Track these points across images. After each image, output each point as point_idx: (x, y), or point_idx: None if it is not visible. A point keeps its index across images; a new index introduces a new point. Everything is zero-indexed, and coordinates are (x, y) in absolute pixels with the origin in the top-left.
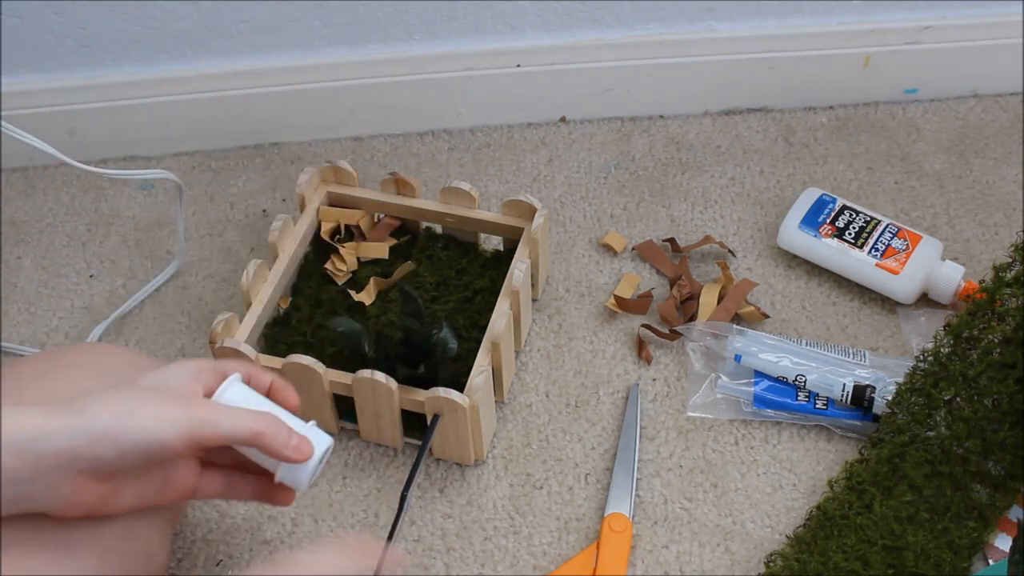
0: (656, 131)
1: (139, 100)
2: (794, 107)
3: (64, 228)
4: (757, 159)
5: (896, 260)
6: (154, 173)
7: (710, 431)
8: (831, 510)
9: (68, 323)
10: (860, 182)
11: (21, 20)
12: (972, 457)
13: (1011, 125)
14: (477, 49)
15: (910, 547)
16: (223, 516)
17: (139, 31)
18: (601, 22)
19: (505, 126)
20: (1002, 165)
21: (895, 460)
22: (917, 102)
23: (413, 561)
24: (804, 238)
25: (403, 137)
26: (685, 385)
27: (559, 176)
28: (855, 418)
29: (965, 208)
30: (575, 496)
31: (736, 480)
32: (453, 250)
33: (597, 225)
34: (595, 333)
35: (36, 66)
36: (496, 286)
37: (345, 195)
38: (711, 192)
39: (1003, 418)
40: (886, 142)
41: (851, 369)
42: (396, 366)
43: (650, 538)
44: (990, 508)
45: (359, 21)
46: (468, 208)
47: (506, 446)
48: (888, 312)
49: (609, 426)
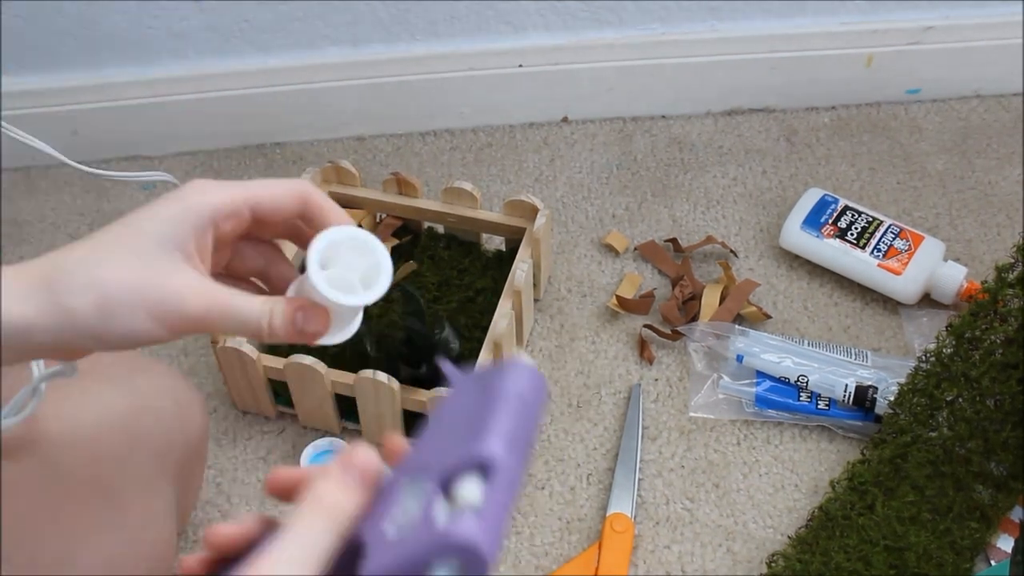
0: (658, 131)
1: (141, 100)
2: (796, 107)
3: (66, 228)
4: (759, 159)
5: (898, 261)
6: (154, 175)
7: (712, 431)
8: (833, 510)
9: None
10: (862, 182)
11: (23, 20)
12: (974, 457)
13: (1013, 125)
14: (479, 49)
15: (912, 547)
16: (225, 516)
17: (141, 31)
18: (603, 22)
19: (507, 126)
20: (1004, 165)
21: (897, 460)
22: (919, 102)
23: None
24: (806, 238)
25: (405, 137)
26: (687, 385)
27: (561, 176)
28: (857, 418)
29: (967, 208)
30: (577, 496)
31: (738, 480)
32: (455, 250)
33: (599, 225)
34: (597, 333)
35: (38, 66)
36: (498, 286)
37: (347, 195)
38: (713, 192)
39: (1005, 418)
40: (888, 142)
41: (853, 369)
42: (398, 366)
43: (652, 538)
44: (992, 509)
45: (361, 21)
46: (470, 208)
47: None
48: (890, 312)
49: (611, 426)
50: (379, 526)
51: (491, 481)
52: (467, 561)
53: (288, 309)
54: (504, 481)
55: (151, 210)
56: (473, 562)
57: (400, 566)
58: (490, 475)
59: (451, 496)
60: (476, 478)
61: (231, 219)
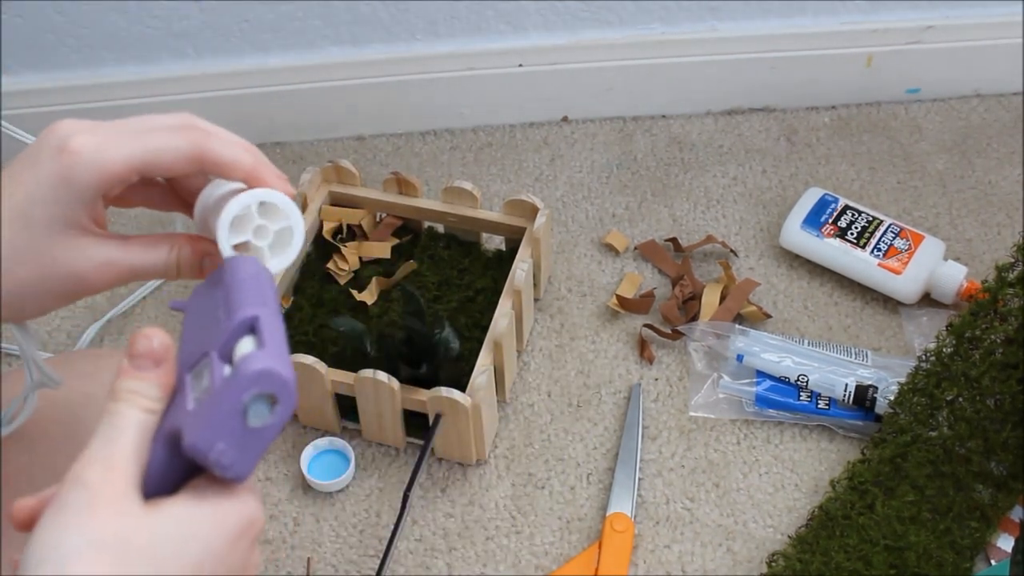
0: (658, 131)
1: (141, 99)
2: (796, 107)
3: None
4: (759, 159)
5: (898, 260)
6: None
7: (712, 431)
8: (833, 510)
9: (70, 323)
10: (862, 182)
11: (23, 19)
12: (974, 457)
13: (1013, 125)
14: (479, 48)
15: (912, 547)
16: None
17: (141, 30)
18: (603, 21)
19: (507, 125)
20: (1004, 165)
21: (897, 460)
22: (919, 102)
23: (415, 561)
24: (806, 238)
25: (405, 136)
26: (687, 385)
27: (561, 176)
28: (857, 418)
29: (967, 208)
30: (577, 496)
31: (738, 480)
32: (455, 250)
33: (599, 225)
34: (597, 333)
35: (38, 65)
36: (498, 286)
37: (347, 194)
38: (713, 192)
39: (1005, 418)
40: (888, 142)
41: (853, 369)
42: (398, 366)
43: (652, 538)
44: (992, 508)
45: (361, 21)
46: (470, 208)
47: (508, 446)
48: (890, 312)
49: (611, 426)
50: (184, 409)
51: (260, 331)
52: (272, 390)
53: (194, 257)
54: (272, 328)
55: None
56: (278, 387)
57: (215, 425)
58: (257, 327)
59: (232, 361)
60: (247, 338)
61: (119, 186)
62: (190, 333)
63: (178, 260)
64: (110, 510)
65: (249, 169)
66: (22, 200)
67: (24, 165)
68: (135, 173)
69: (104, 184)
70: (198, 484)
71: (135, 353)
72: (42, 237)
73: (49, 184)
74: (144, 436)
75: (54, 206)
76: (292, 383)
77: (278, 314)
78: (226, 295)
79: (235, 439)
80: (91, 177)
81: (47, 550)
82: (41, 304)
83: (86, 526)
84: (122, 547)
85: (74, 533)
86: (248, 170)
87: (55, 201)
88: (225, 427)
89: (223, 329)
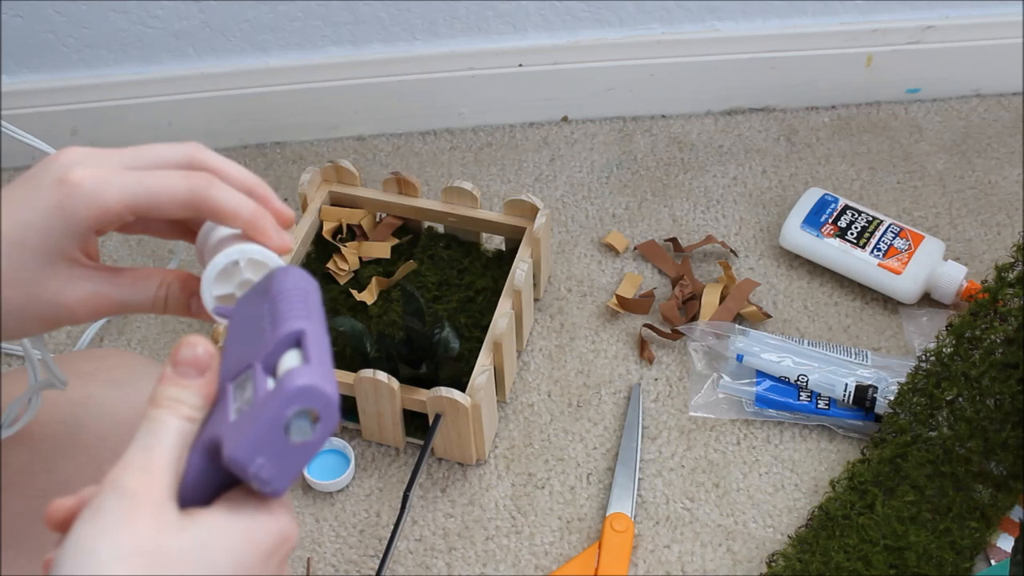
0: (658, 131)
1: (141, 99)
2: (796, 107)
3: None
4: (759, 159)
5: (898, 260)
6: None
7: (712, 431)
8: (833, 510)
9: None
10: (862, 182)
11: (23, 19)
12: (974, 457)
13: (1013, 125)
14: (479, 49)
15: (912, 547)
16: None
17: (141, 30)
18: (603, 22)
19: (507, 125)
20: (1004, 165)
21: (897, 460)
22: (919, 102)
23: (415, 561)
24: (806, 238)
25: (405, 136)
26: (687, 385)
27: (561, 176)
28: (857, 418)
29: (967, 208)
30: (577, 496)
31: (738, 480)
32: (455, 250)
33: (599, 225)
34: (597, 333)
35: (38, 65)
36: (498, 286)
37: (347, 194)
38: (713, 192)
39: (1005, 418)
40: (888, 142)
41: (853, 369)
42: (398, 366)
43: (652, 538)
44: (992, 508)
45: (361, 21)
46: (470, 208)
47: (508, 446)
48: (890, 312)
49: (611, 426)
50: (225, 420)
51: (306, 345)
52: (316, 406)
53: (183, 296)
54: (317, 343)
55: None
56: (321, 404)
57: (256, 439)
58: (303, 341)
59: (276, 374)
60: (292, 351)
61: (114, 224)
62: (233, 342)
63: (166, 298)
64: (147, 519)
65: (247, 221)
66: (18, 224)
67: (25, 189)
68: (131, 213)
69: (99, 221)
70: (233, 496)
71: (179, 360)
72: (32, 263)
73: (45, 213)
74: (183, 445)
75: (47, 235)
76: (336, 401)
77: (324, 329)
78: (272, 306)
79: (275, 454)
80: (87, 212)
81: (83, 555)
82: (23, 328)
83: (123, 534)
84: (156, 557)
85: (110, 540)
86: (245, 222)
87: (49, 231)
88: (266, 441)
89: (268, 340)
